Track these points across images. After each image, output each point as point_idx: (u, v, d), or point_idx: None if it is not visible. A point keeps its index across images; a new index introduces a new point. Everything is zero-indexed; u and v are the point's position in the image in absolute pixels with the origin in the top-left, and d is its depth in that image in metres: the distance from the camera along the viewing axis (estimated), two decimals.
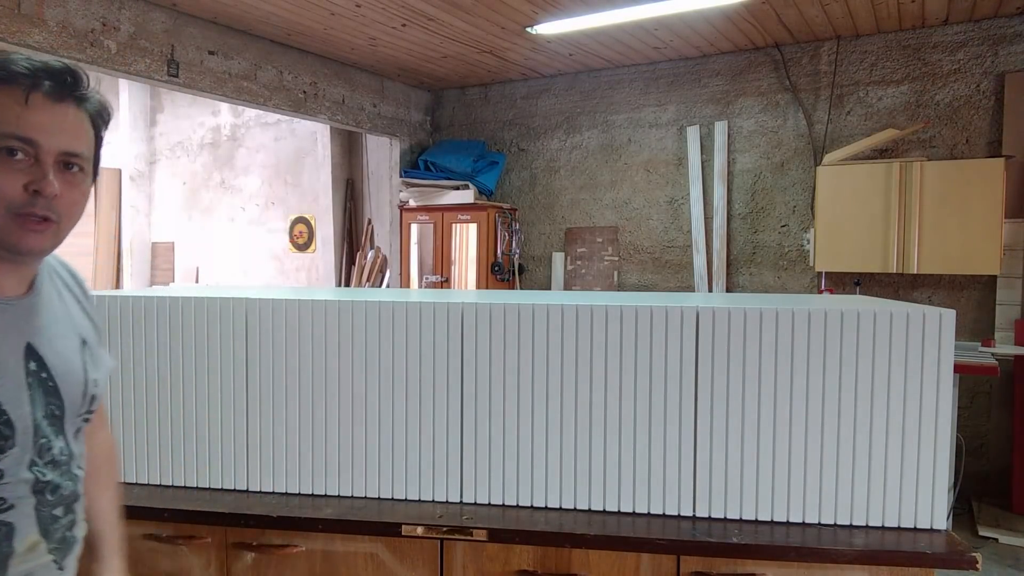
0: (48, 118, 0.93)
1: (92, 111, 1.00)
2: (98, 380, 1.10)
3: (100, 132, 1.03)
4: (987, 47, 4.30)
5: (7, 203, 0.91)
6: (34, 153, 0.92)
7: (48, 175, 0.93)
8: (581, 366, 1.68)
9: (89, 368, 1.08)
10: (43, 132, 0.93)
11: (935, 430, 1.56)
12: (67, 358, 1.04)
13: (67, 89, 0.96)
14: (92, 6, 3.80)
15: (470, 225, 5.58)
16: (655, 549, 1.55)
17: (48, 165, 0.93)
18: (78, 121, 0.98)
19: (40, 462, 0.99)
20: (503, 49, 4.93)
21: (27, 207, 0.92)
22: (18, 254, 0.96)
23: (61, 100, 0.95)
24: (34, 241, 0.94)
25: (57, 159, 0.94)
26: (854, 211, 4.27)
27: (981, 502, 4.13)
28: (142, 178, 7.43)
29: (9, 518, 0.96)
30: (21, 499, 0.97)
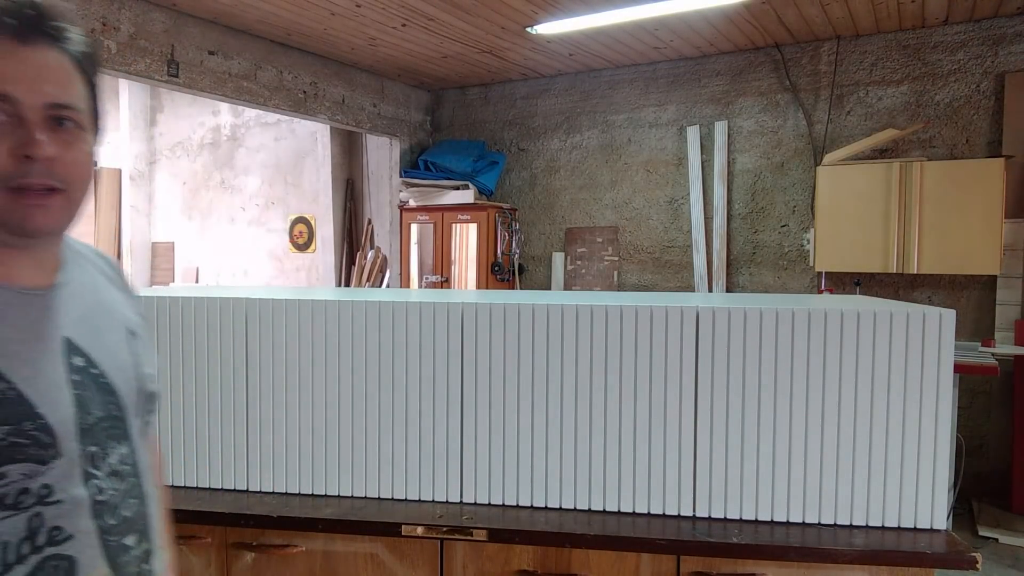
0: (19, 65, 0.77)
1: (75, 52, 0.84)
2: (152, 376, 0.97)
3: (92, 77, 0.86)
4: (987, 47, 4.30)
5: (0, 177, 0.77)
6: (12, 111, 0.77)
7: (35, 134, 0.78)
8: (581, 366, 1.68)
9: (142, 362, 0.95)
10: (16, 83, 0.77)
11: (935, 430, 1.56)
12: (116, 352, 0.90)
13: (34, 27, 0.79)
14: (92, 6, 3.80)
15: (470, 225, 5.57)
16: (655, 549, 1.54)
17: (33, 123, 0.78)
18: (59, 65, 0.81)
19: (97, 473, 0.84)
20: (503, 49, 4.93)
21: (22, 177, 0.77)
22: (28, 236, 0.81)
23: (30, 41, 0.79)
24: (42, 217, 0.80)
25: (44, 115, 0.79)
26: (854, 211, 4.27)
27: (981, 502, 4.13)
28: (142, 178, 7.44)
29: (67, 550, 0.80)
30: (80, 525, 0.81)
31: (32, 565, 0.78)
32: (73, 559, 0.81)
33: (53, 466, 0.79)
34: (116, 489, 0.86)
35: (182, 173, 7.26)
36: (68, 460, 0.81)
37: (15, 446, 0.76)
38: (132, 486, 0.89)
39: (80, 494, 0.82)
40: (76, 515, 0.81)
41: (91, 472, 0.83)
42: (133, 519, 0.88)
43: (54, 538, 0.80)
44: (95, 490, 0.83)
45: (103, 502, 0.84)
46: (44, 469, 0.78)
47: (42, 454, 0.78)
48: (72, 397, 0.82)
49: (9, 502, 0.76)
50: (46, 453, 0.79)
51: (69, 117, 0.81)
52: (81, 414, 0.83)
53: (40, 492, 0.78)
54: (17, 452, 0.76)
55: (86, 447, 0.83)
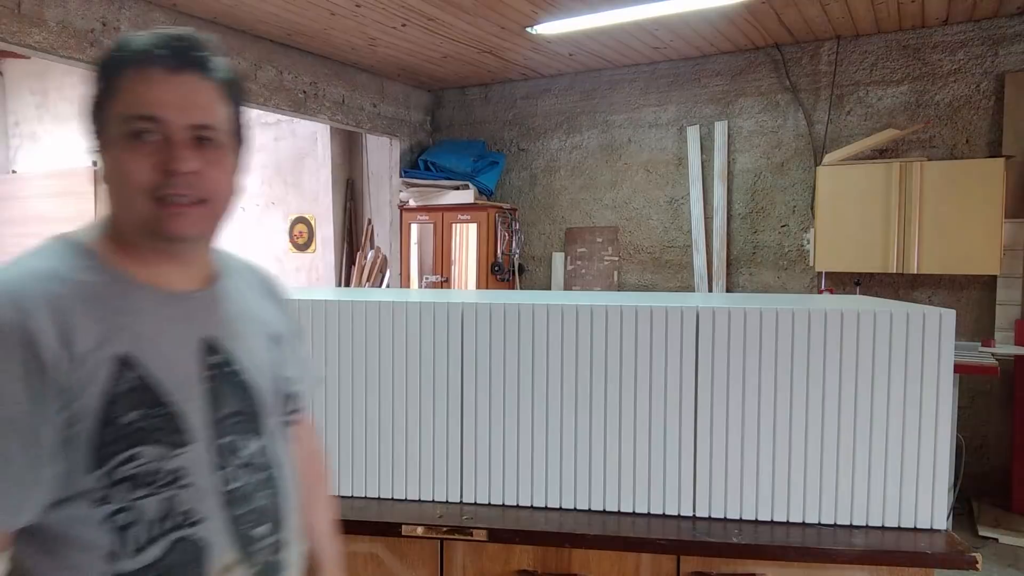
0: (169, 91, 0.87)
1: (220, 79, 0.92)
2: (294, 379, 1.04)
3: (235, 102, 0.95)
4: (987, 47, 4.30)
5: (146, 188, 0.86)
6: (161, 131, 0.86)
7: (179, 151, 0.86)
8: (581, 366, 1.68)
9: (281, 366, 1.02)
10: (166, 107, 0.86)
11: (935, 430, 1.56)
12: (255, 353, 0.98)
13: (184, 57, 0.88)
14: (92, 6, 3.80)
15: (470, 225, 5.57)
16: (655, 549, 1.55)
17: (178, 142, 0.87)
18: (204, 91, 0.89)
19: (228, 464, 0.91)
20: (503, 49, 4.93)
21: (166, 188, 0.86)
22: (169, 240, 0.89)
23: (180, 70, 0.88)
24: (179, 224, 0.88)
25: (189, 135, 0.88)
26: (854, 211, 4.27)
27: (981, 502, 4.12)
28: None
29: (198, 533, 0.87)
30: (210, 511, 0.88)
31: (165, 545, 0.85)
32: (203, 543, 0.87)
33: (182, 452, 0.86)
34: (248, 480, 0.93)
35: None
36: (197, 448, 0.88)
37: (144, 430, 0.84)
38: (266, 479, 0.95)
39: (210, 482, 0.89)
40: (206, 501, 0.88)
41: (222, 462, 0.90)
42: (265, 510, 0.94)
43: (185, 521, 0.86)
44: (226, 480, 0.90)
45: (233, 491, 0.91)
46: (174, 453, 0.86)
47: (172, 439, 0.86)
48: (203, 391, 0.90)
49: (145, 481, 0.84)
50: (175, 439, 0.86)
51: (211, 137, 0.90)
52: (212, 407, 0.90)
53: (172, 475, 0.85)
54: (146, 436, 0.84)
55: (217, 438, 0.90)
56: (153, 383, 0.86)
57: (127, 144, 0.86)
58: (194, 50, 0.89)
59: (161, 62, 0.87)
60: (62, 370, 0.81)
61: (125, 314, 0.88)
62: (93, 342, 0.83)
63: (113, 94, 0.88)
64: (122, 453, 0.83)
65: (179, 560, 0.86)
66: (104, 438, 0.82)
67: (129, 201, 0.88)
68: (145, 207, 0.87)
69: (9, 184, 8.22)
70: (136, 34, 0.89)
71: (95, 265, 0.90)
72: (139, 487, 0.84)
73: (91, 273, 0.89)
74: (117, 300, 0.88)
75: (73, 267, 0.88)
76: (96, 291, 0.87)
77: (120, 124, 0.86)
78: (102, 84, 0.89)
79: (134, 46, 0.88)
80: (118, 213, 0.91)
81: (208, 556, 0.87)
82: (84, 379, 0.82)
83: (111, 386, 0.83)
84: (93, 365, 0.83)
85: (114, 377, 0.83)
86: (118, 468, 0.83)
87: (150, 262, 0.92)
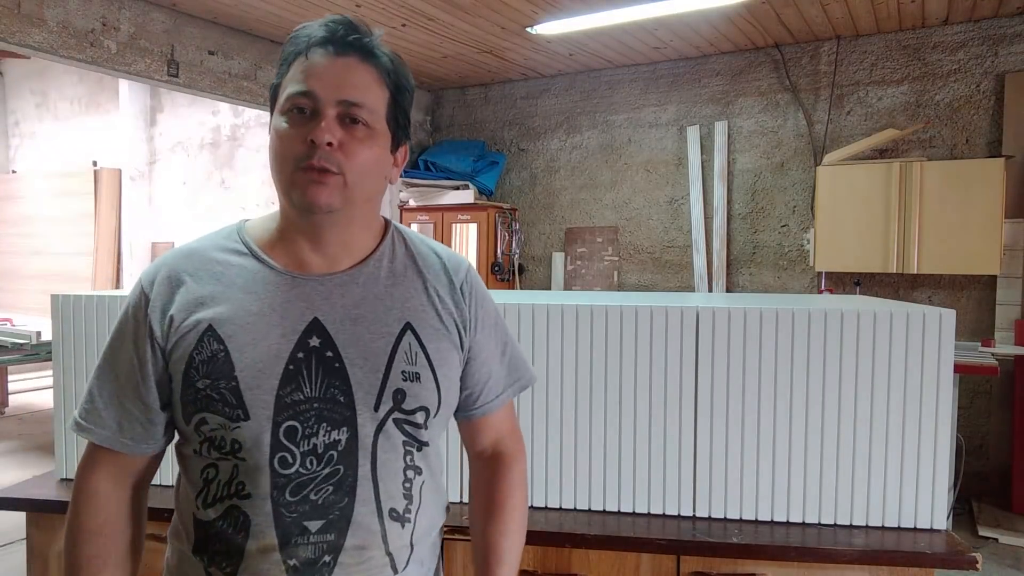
0: (325, 68, 0.91)
1: (380, 65, 0.95)
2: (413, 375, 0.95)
3: (395, 92, 0.96)
4: (987, 47, 4.30)
5: (293, 157, 0.90)
6: (312, 106, 0.91)
7: (322, 124, 0.89)
8: (581, 366, 1.68)
9: (401, 359, 0.94)
10: (319, 80, 0.91)
11: (935, 430, 1.56)
12: (368, 342, 0.93)
13: (346, 42, 0.92)
14: (92, 6, 3.80)
15: (470, 225, 5.57)
16: (655, 549, 1.54)
17: (326, 116, 0.90)
18: (361, 73, 0.93)
19: (289, 447, 0.89)
20: (503, 49, 4.93)
21: (307, 159, 0.89)
22: (308, 210, 0.91)
23: (343, 53, 0.92)
24: (314, 192, 0.89)
25: (338, 112, 0.91)
26: (854, 211, 4.27)
27: (981, 502, 4.12)
28: (142, 178, 7.44)
29: (245, 507, 0.90)
30: (258, 488, 0.89)
31: (222, 508, 0.91)
32: (247, 517, 0.90)
33: (240, 426, 0.89)
34: (308, 469, 0.90)
35: (182, 173, 7.26)
36: (255, 425, 0.88)
37: (210, 399, 0.89)
38: (334, 473, 0.90)
39: (262, 460, 0.89)
40: (257, 478, 0.89)
41: (283, 444, 0.89)
42: (323, 505, 0.90)
43: (238, 491, 0.90)
44: (281, 463, 0.89)
45: (286, 476, 0.89)
46: (232, 426, 0.89)
47: (229, 412, 0.89)
48: (283, 371, 0.90)
49: (217, 445, 0.91)
50: (233, 412, 0.89)
51: (361, 117, 0.92)
52: (286, 388, 0.90)
53: (233, 445, 0.90)
54: (211, 404, 0.89)
55: (282, 419, 0.89)
56: (228, 357, 0.89)
57: (286, 119, 0.92)
58: (356, 35, 0.93)
59: (325, 45, 0.92)
60: (161, 334, 0.93)
61: (232, 289, 0.93)
62: (190, 312, 0.92)
63: (284, 76, 0.94)
64: (196, 415, 0.91)
65: (228, 526, 0.91)
66: (185, 398, 0.91)
67: (280, 172, 0.92)
68: (289, 175, 0.91)
69: (9, 184, 8.22)
70: (307, 23, 0.95)
71: (234, 244, 0.98)
72: (215, 449, 0.91)
73: (226, 251, 0.97)
74: (232, 276, 0.95)
75: (214, 245, 0.98)
76: (216, 267, 0.95)
77: (284, 103, 0.92)
78: (279, 70, 0.96)
79: (305, 32, 0.94)
80: (277, 190, 0.95)
81: (249, 531, 0.89)
82: (177, 343, 0.92)
83: (193, 353, 0.90)
84: (185, 331, 0.91)
85: (198, 345, 0.90)
86: (199, 427, 0.91)
87: (294, 245, 0.96)
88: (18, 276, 7.96)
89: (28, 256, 7.86)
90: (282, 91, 0.94)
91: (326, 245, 0.96)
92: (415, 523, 0.97)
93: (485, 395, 1.07)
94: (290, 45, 0.95)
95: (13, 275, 8.02)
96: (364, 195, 0.95)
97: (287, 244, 0.97)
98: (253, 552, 0.89)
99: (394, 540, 0.94)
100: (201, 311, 0.92)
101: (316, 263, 0.96)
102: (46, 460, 4.79)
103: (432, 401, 0.97)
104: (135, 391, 0.95)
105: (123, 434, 0.95)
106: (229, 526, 0.90)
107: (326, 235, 0.95)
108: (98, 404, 0.95)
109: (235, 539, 0.90)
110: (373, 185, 0.96)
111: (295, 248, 0.96)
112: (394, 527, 0.94)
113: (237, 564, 0.90)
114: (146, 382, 0.94)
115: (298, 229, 0.96)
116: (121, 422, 0.95)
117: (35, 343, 4.80)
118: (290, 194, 0.92)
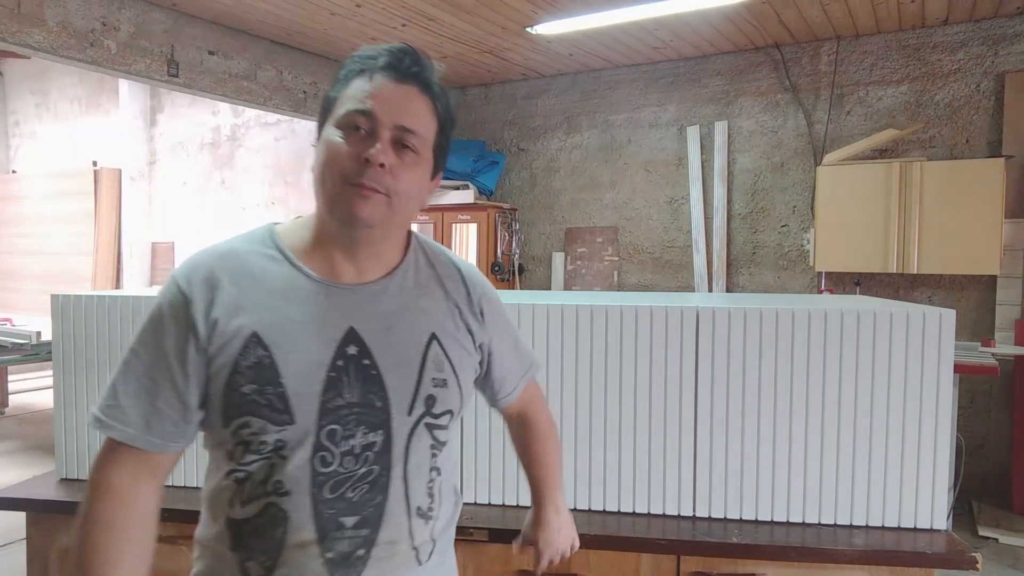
0: (386, 93, 0.96)
1: (435, 97, 1.00)
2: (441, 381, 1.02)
3: (444, 124, 1.02)
4: (987, 47, 4.30)
5: (343, 173, 0.94)
6: (369, 126, 0.95)
7: (377, 145, 0.94)
8: (581, 366, 1.68)
9: (431, 366, 1.01)
10: (380, 103, 0.95)
11: (935, 430, 1.56)
12: (401, 351, 1.00)
13: (408, 71, 0.98)
14: (92, 6, 3.80)
15: (470, 225, 5.57)
16: (655, 549, 1.55)
17: (381, 138, 0.95)
18: (418, 103, 0.98)
19: (330, 448, 0.95)
20: (503, 49, 4.93)
21: (357, 176, 0.93)
22: (349, 224, 0.96)
23: (403, 81, 0.97)
24: (361, 207, 0.94)
25: (391, 135, 0.95)
26: (854, 211, 4.27)
27: (981, 502, 4.12)
28: (142, 178, 7.44)
29: (284, 504, 0.94)
30: (298, 486, 0.94)
31: (259, 506, 0.95)
32: (285, 513, 0.94)
33: (285, 430, 0.93)
34: (347, 469, 0.95)
35: (182, 173, 7.26)
36: (300, 428, 0.93)
37: (255, 403, 0.93)
38: (369, 473, 0.97)
39: (305, 460, 0.94)
40: (298, 477, 0.94)
41: (324, 445, 0.94)
42: (358, 503, 0.96)
43: (277, 489, 0.94)
44: (321, 462, 0.94)
45: (325, 474, 0.94)
46: (276, 429, 0.93)
47: (275, 416, 0.93)
48: (325, 378, 0.95)
49: (254, 448, 0.94)
50: (279, 416, 0.93)
51: (411, 144, 0.97)
52: (329, 394, 0.95)
53: (274, 446, 0.94)
54: (257, 408, 0.93)
55: (325, 423, 0.94)
56: (274, 363, 0.93)
57: (340, 134, 0.96)
58: (418, 67, 0.99)
59: (388, 71, 0.97)
60: (204, 336, 0.95)
61: (271, 296, 0.97)
62: (231, 316, 0.95)
63: (342, 94, 0.98)
64: (238, 418, 0.94)
65: (265, 523, 0.95)
66: (228, 401, 0.94)
67: (326, 183, 0.96)
68: (337, 188, 0.95)
69: (9, 184, 8.22)
70: (372, 46, 1.00)
71: (271, 251, 1.01)
72: (250, 452, 0.94)
73: (262, 256, 1.00)
74: (270, 282, 0.98)
75: (251, 249, 1.01)
76: (254, 272, 0.98)
77: (340, 118, 0.96)
78: (336, 86, 1.00)
79: (370, 54, 0.99)
80: (318, 199, 0.99)
81: (287, 527, 0.94)
82: (221, 347, 0.94)
83: (239, 358, 0.94)
84: (229, 336, 0.94)
85: (243, 350, 0.94)
86: (238, 431, 0.94)
87: (327, 254, 1.00)
88: (18, 276, 7.96)
89: (28, 256, 7.86)
90: (339, 105, 0.98)
91: (359, 256, 1.01)
92: (436, 519, 1.05)
93: (504, 389, 1.20)
94: (353, 63, 1.00)
95: (13, 275, 8.02)
96: (403, 217, 1.00)
97: (321, 252, 1.01)
98: (292, 546, 0.94)
99: (419, 535, 1.01)
100: (243, 316, 0.95)
101: (347, 272, 1.01)
102: (46, 460, 4.79)
103: (456, 405, 1.05)
104: (172, 390, 0.96)
105: (151, 432, 0.96)
106: (267, 523, 0.95)
107: (361, 247, 1.00)
108: (123, 401, 0.96)
109: (273, 535, 0.94)
110: (412, 208, 1.01)
111: (328, 257, 1.00)
112: (419, 523, 1.01)
113: (276, 558, 0.94)
114: (187, 382, 0.96)
115: (334, 239, 1.00)
116: (149, 420, 0.96)
117: (35, 343, 4.80)
118: (334, 206, 0.96)
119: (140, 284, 7.31)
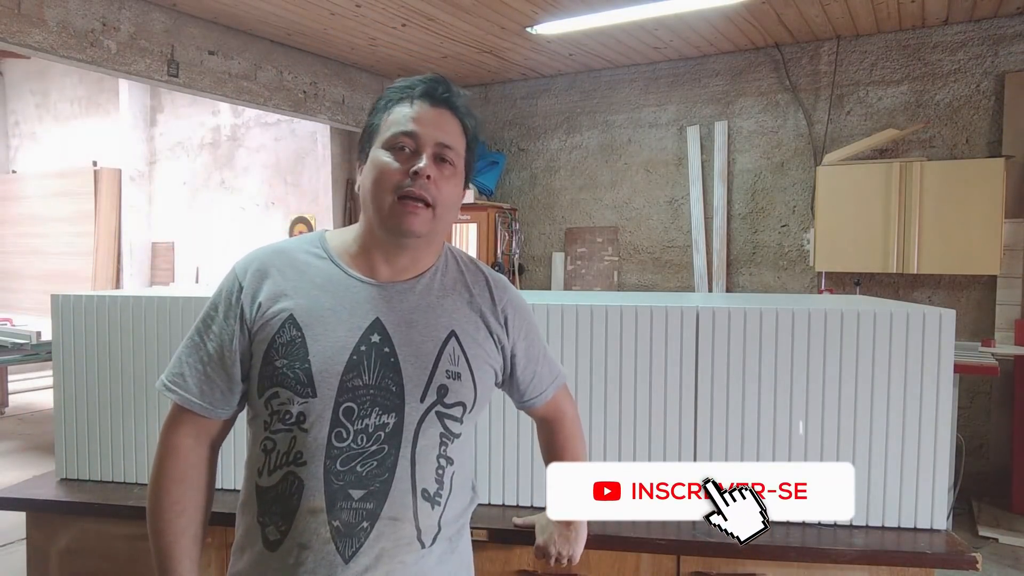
0: (426, 116, 1.12)
1: (465, 120, 1.16)
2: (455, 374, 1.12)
3: (471, 143, 1.18)
4: (987, 47, 4.30)
5: (393, 185, 1.08)
6: (414, 145, 1.10)
7: (423, 159, 1.08)
8: (581, 366, 1.68)
9: (446, 360, 1.12)
10: (422, 124, 1.10)
11: (935, 430, 1.56)
12: (419, 343, 1.11)
13: (441, 96, 1.14)
14: (92, 6, 3.80)
15: (470, 225, 5.57)
16: (655, 549, 1.54)
17: (425, 154, 1.09)
18: (452, 123, 1.14)
19: (346, 424, 1.05)
20: (503, 49, 4.93)
21: (407, 188, 1.07)
22: (399, 235, 1.09)
23: (438, 105, 1.13)
24: (410, 221, 1.07)
25: (433, 151, 1.10)
26: (854, 211, 4.27)
27: (981, 502, 4.12)
28: (142, 178, 7.44)
29: (301, 473, 1.04)
30: (314, 457, 1.04)
31: (280, 475, 1.06)
32: (302, 482, 1.04)
33: (307, 402, 1.05)
34: (359, 445, 1.05)
35: (182, 173, 7.26)
36: (321, 402, 1.05)
37: (285, 376, 1.06)
38: (379, 451, 1.06)
39: (322, 432, 1.04)
40: (314, 448, 1.04)
41: (340, 420, 1.05)
42: (365, 477, 1.05)
43: (296, 460, 1.05)
44: (337, 437, 1.05)
45: (338, 447, 1.04)
46: (300, 401, 1.05)
47: (300, 388, 1.05)
48: (347, 360, 1.06)
49: (281, 418, 1.06)
50: (303, 389, 1.05)
51: (449, 159, 1.12)
52: (349, 375, 1.06)
53: (297, 417, 1.05)
54: (285, 380, 1.06)
55: (343, 400, 1.05)
56: (304, 342, 1.06)
57: (389, 153, 1.10)
58: (449, 93, 1.15)
59: (425, 98, 1.13)
60: (250, 317, 1.10)
61: (312, 286, 1.11)
62: (275, 301, 1.10)
63: (385, 119, 1.13)
64: (270, 389, 1.07)
65: (285, 491, 1.05)
66: (263, 373, 1.08)
67: (379, 198, 1.09)
68: (389, 202, 1.08)
69: (9, 184, 8.22)
70: (407, 78, 1.17)
71: (316, 250, 1.16)
72: (278, 422, 1.07)
73: (309, 254, 1.15)
74: (312, 275, 1.12)
75: (299, 248, 1.17)
76: (300, 266, 1.13)
77: (387, 140, 1.11)
78: (378, 113, 1.15)
79: (407, 86, 1.14)
80: (368, 211, 1.12)
81: (302, 494, 1.04)
82: (263, 326, 1.09)
83: (276, 336, 1.07)
84: (270, 317, 1.09)
85: (280, 330, 1.07)
86: (269, 401, 1.07)
87: (369, 256, 1.14)
88: (18, 276, 7.96)
89: (28, 256, 7.87)
90: (384, 129, 1.12)
91: (399, 260, 1.14)
92: (445, 507, 1.11)
93: (532, 390, 1.29)
94: (392, 93, 1.15)
95: (13, 275, 8.02)
96: (445, 224, 1.15)
97: (363, 255, 1.15)
98: (304, 512, 1.03)
99: (424, 518, 1.08)
100: (284, 301, 1.09)
101: (385, 272, 1.14)
102: (46, 460, 4.79)
103: (469, 398, 1.14)
104: (221, 363, 1.11)
105: (203, 398, 1.11)
106: (286, 489, 1.05)
107: (403, 253, 1.14)
108: (184, 371, 1.12)
109: (290, 501, 1.04)
110: (452, 217, 1.17)
111: (370, 259, 1.14)
112: (424, 506, 1.08)
113: (290, 523, 1.04)
114: (233, 356, 1.10)
115: (378, 245, 1.13)
116: (203, 388, 1.11)
117: (35, 343, 4.80)
118: (386, 220, 1.09)
119: (140, 284, 7.31)
